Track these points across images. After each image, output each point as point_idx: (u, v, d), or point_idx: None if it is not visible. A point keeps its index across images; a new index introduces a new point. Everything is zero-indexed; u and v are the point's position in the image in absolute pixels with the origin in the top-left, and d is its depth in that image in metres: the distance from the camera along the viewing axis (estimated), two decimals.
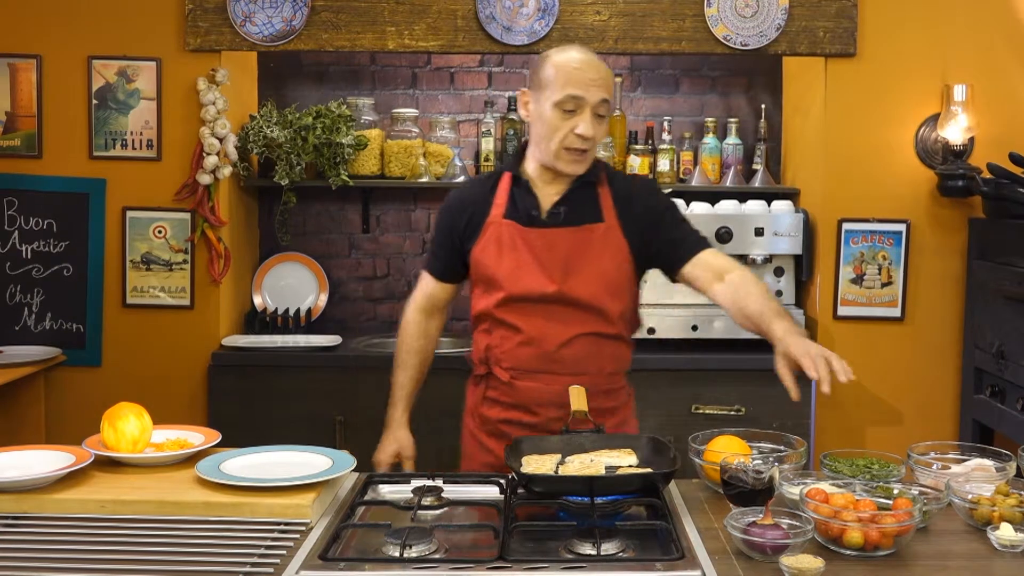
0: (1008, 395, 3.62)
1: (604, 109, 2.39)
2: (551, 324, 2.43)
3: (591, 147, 2.41)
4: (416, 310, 2.75)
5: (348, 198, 4.56)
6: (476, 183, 2.68)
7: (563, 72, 2.37)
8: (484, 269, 2.50)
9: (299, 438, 2.50)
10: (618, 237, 2.45)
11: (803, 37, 3.98)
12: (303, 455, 2.20)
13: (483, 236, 2.50)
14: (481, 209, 2.52)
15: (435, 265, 2.68)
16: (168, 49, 4.02)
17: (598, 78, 2.37)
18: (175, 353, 4.06)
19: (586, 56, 2.41)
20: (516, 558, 1.71)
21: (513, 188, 2.51)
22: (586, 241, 2.43)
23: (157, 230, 4.07)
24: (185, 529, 1.86)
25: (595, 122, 2.38)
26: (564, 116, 2.37)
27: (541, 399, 2.45)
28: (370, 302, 4.64)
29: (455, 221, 2.57)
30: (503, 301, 2.46)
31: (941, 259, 4.05)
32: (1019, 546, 1.77)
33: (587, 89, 2.35)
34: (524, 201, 2.48)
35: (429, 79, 4.59)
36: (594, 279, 2.43)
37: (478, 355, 2.59)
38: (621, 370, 2.55)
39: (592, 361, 2.45)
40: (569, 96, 2.35)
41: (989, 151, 3.89)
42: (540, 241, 2.44)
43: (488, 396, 2.56)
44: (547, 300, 2.43)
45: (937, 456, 2.17)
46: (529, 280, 2.43)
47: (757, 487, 1.89)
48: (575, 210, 2.45)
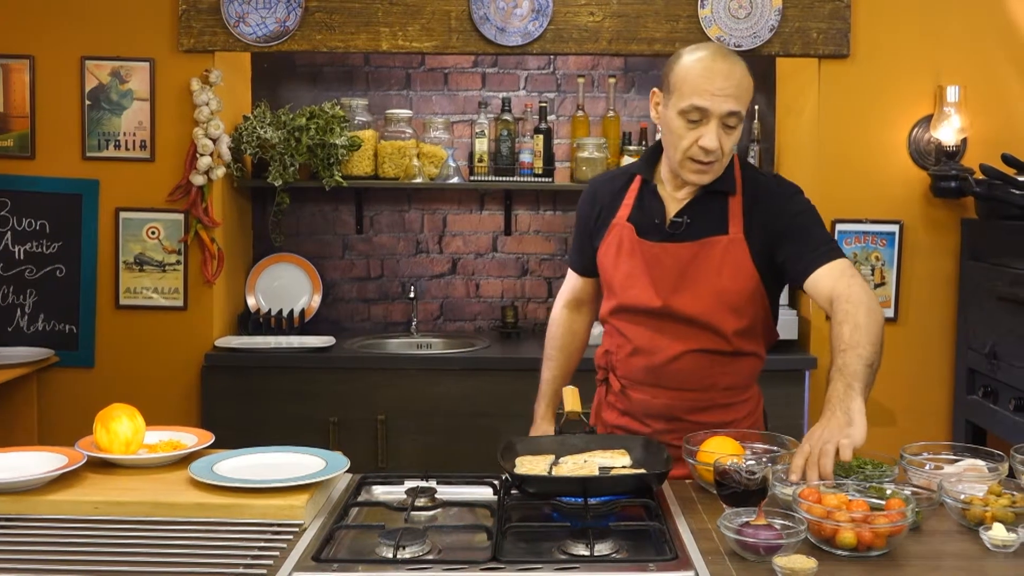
0: (1001, 396, 3.63)
1: (734, 120, 2.23)
2: (660, 338, 2.35)
3: (717, 158, 2.25)
4: (562, 306, 2.68)
5: (342, 199, 4.55)
6: (612, 176, 2.55)
7: (690, 79, 2.22)
8: (603, 272, 2.46)
9: (293, 439, 2.50)
10: (742, 251, 2.30)
11: (796, 38, 3.98)
12: (296, 456, 2.20)
13: (607, 237, 2.43)
14: (611, 206, 2.44)
15: (575, 259, 2.62)
16: (161, 50, 4.02)
17: (728, 86, 2.20)
18: (168, 354, 4.05)
19: (717, 61, 2.23)
20: (509, 559, 1.70)
21: (642, 189, 2.42)
22: (704, 256, 2.30)
23: (150, 231, 4.06)
24: (178, 530, 1.86)
25: (723, 133, 2.23)
26: (689, 126, 2.23)
27: (649, 410, 2.39)
28: (364, 303, 4.64)
29: (588, 212, 2.50)
30: (615, 309, 2.42)
31: (934, 260, 4.06)
32: (1011, 546, 1.77)
33: (712, 100, 2.19)
34: (650, 205, 2.38)
35: (423, 80, 4.59)
36: (707, 296, 2.30)
37: (598, 359, 2.53)
38: (742, 384, 2.41)
39: (702, 377, 2.35)
40: (693, 106, 2.21)
41: (982, 152, 3.90)
42: (655, 253, 2.34)
43: (608, 400, 2.50)
44: (653, 314, 2.34)
45: (930, 456, 2.17)
46: (638, 291, 2.35)
47: (750, 487, 1.89)
48: (699, 221, 2.32)
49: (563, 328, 2.67)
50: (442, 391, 3.95)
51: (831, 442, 1.89)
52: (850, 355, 2.05)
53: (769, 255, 2.31)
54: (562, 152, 4.52)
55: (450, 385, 3.95)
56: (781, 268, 2.31)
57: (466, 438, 3.89)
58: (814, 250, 2.25)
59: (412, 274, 4.63)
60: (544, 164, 4.34)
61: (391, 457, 3.92)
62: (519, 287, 4.65)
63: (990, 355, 3.65)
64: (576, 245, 2.60)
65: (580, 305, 2.67)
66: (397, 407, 3.93)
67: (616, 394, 2.46)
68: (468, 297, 4.66)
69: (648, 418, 2.40)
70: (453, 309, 4.66)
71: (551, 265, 4.65)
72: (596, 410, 2.56)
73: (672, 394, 2.37)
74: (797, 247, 2.27)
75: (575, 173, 4.29)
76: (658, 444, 2.18)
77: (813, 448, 1.90)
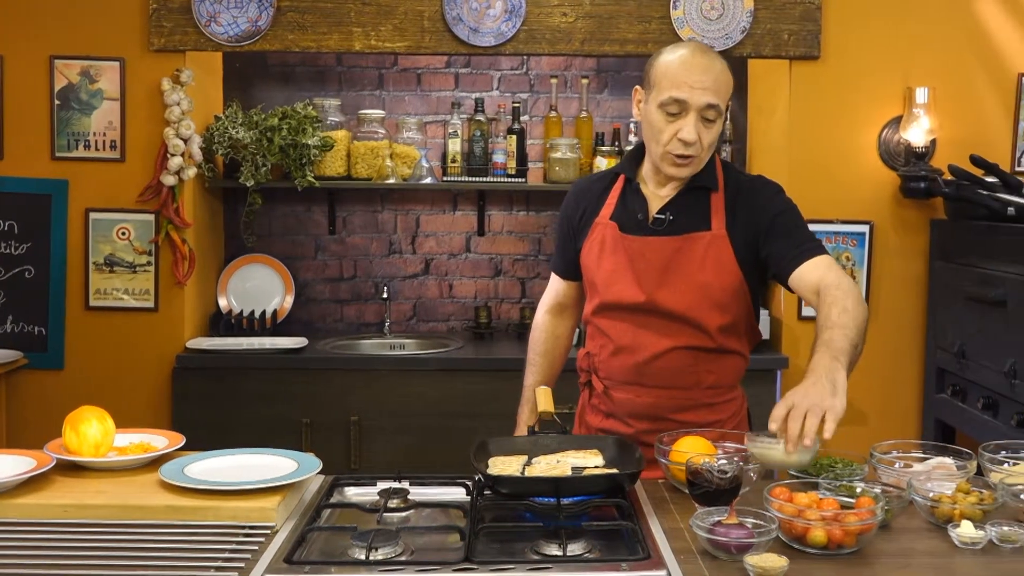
0: (969, 394, 3.66)
1: (712, 113, 2.26)
2: (643, 334, 2.34)
3: (696, 152, 2.27)
4: (545, 311, 2.67)
5: (314, 199, 4.54)
6: (595, 179, 2.56)
7: (668, 72, 2.26)
8: (586, 271, 2.45)
9: (265, 441, 2.49)
10: (724, 247, 2.31)
11: (768, 40, 4.01)
12: (268, 458, 2.19)
13: (591, 235, 2.43)
14: (594, 206, 2.45)
15: (558, 262, 2.62)
16: (132, 49, 3.99)
17: (706, 79, 2.24)
18: (139, 356, 4.03)
19: (696, 56, 2.27)
20: (482, 559, 1.70)
21: (625, 188, 2.43)
22: (688, 251, 2.32)
23: (121, 232, 4.04)
24: (148, 533, 1.84)
25: (702, 126, 2.26)
26: (668, 119, 2.26)
27: (633, 410, 2.39)
28: (336, 304, 4.63)
29: (571, 214, 2.51)
30: (598, 307, 2.41)
31: (904, 260, 4.10)
32: (979, 543, 1.79)
33: (691, 92, 2.23)
34: (633, 203, 2.40)
35: (396, 80, 4.58)
36: (691, 290, 2.31)
37: (580, 361, 2.53)
38: (726, 383, 2.42)
39: (686, 375, 2.35)
40: (672, 99, 2.24)
41: (951, 153, 3.95)
42: (638, 248, 2.35)
43: (592, 403, 2.50)
44: (638, 309, 2.34)
45: (900, 455, 2.19)
46: (621, 287, 2.35)
47: (722, 487, 1.90)
48: (682, 217, 2.34)
49: (546, 333, 2.67)
50: (415, 392, 3.94)
51: (818, 405, 1.83)
52: (837, 332, 2.04)
53: (752, 251, 2.32)
54: (535, 152, 4.53)
55: (423, 386, 3.94)
56: (765, 264, 2.32)
57: (439, 439, 3.89)
58: (798, 246, 2.26)
59: (385, 275, 4.62)
60: (517, 164, 4.34)
61: (364, 458, 3.91)
62: (492, 287, 4.65)
63: (959, 354, 3.69)
64: (559, 248, 2.61)
65: (563, 310, 2.67)
66: (370, 408, 3.93)
67: (599, 396, 2.46)
68: (441, 298, 4.65)
69: (632, 418, 2.39)
70: (426, 310, 4.66)
71: (524, 265, 4.65)
72: (580, 414, 2.56)
73: (656, 392, 2.37)
74: (781, 244, 2.28)
75: (548, 173, 4.30)
76: (631, 444, 2.18)
77: (798, 405, 1.84)
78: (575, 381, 2.58)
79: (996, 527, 1.81)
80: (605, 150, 4.29)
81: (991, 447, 2.16)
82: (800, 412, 1.83)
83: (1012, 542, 1.80)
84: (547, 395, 2.45)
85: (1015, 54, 4.04)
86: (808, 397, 1.86)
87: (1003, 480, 1.99)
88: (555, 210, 4.62)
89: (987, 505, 1.89)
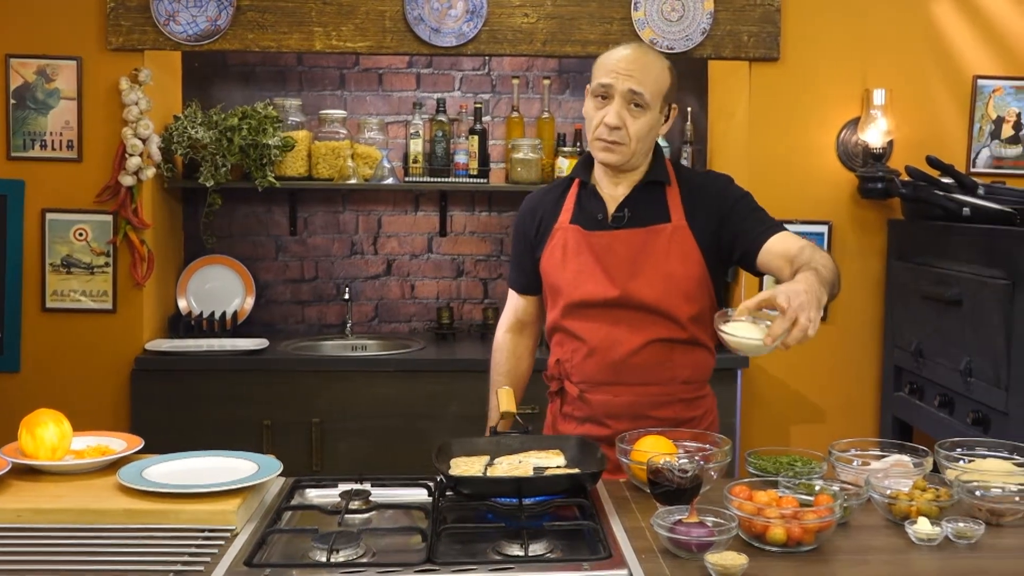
0: (926, 392, 3.71)
1: (640, 101, 2.31)
2: (618, 331, 2.36)
3: (623, 138, 2.33)
4: (505, 330, 2.66)
5: (275, 200, 4.51)
6: (548, 189, 2.59)
7: (601, 64, 2.36)
8: (549, 277, 2.45)
9: (225, 443, 2.47)
10: (687, 237, 2.35)
11: (728, 41, 4.04)
12: (228, 460, 2.17)
13: (551, 242, 2.44)
14: (551, 214, 2.47)
15: (515, 278, 2.62)
16: (89, 48, 3.95)
17: (632, 68, 2.31)
18: (97, 358, 3.98)
19: (630, 50, 2.35)
20: (444, 560, 1.70)
21: (580, 192, 2.46)
22: (652, 243, 2.36)
23: (78, 232, 3.99)
24: (106, 537, 1.82)
25: (627, 113, 2.32)
26: (597, 104, 2.35)
27: (612, 411, 2.39)
28: (298, 305, 4.60)
29: (527, 227, 2.52)
30: (566, 308, 2.41)
31: (862, 260, 4.14)
32: (935, 539, 1.81)
33: (616, 77, 2.31)
34: (590, 205, 2.43)
35: (357, 80, 4.56)
36: (660, 281, 2.34)
37: (550, 370, 2.52)
38: (700, 378, 2.45)
39: (663, 370, 2.37)
40: (599, 84, 2.34)
41: (907, 154, 4.00)
42: (603, 244, 2.37)
43: (564, 412, 2.48)
44: (611, 305, 2.35)
45: (858, 453, 2.21)
46: (591, 285, 2.37)
47: (683, 486, 1.92)
48: (641, 211, 2.38)
49: (507, 353, 2.65)
50: (377, 393, 3.93)
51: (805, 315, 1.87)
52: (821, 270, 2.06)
53: (714, 241, 2.36)
54: (497, 153, 4.53)
55: (385, 387, 3.93)
56: (730, 248, 2.35)
57: (402, 440, 3.88)
58: (762, 223, 2.33)
59: (347, 275, 4.61)
60: (479, 165, 4.34)
61: (326, 460, 3.90)
62: (454, 288, 4.65)
63: (916, 353, 3.73)
64: (515, 263, 2.61)
65: (523, 328, 2.66)
66: (332, 410, 3.91)
67: (574, 401, 2.45)
68: (403, 298, 4.64)
69: (610, 419, 2.39)
70: (388, 310, 4.65)
71: (486, 266, 4.65)
72: (551, 425, 2.54)
73: (634, 390, 2.38)
74: (745, 225, 2.33)
75: (510, 174, 4.30)
76: (592, 444, 2.19)
77: (792, 307, 1.87)
78: (538, 381, 2.57)
79: (952, 523, 1.84)
80: (567, 151, 4.30)
81: (947, 444, 2.19)
82: (792, 315, 1.87)
83: (967, 538, 1.82)
84: (509, 395, 2.45)
85: (970, 57, 4.10)
86: (800, 303, 1.89)
87: (959, 477, 2.02)
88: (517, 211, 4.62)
89: (943, 502, 1.92)
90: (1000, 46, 4.10)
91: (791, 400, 4.16)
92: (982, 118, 4.12)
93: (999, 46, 4.10)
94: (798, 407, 4.17)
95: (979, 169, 4.11)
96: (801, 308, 1.88)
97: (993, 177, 4.02)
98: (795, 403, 4.16)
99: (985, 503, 1.94)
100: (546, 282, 2.48)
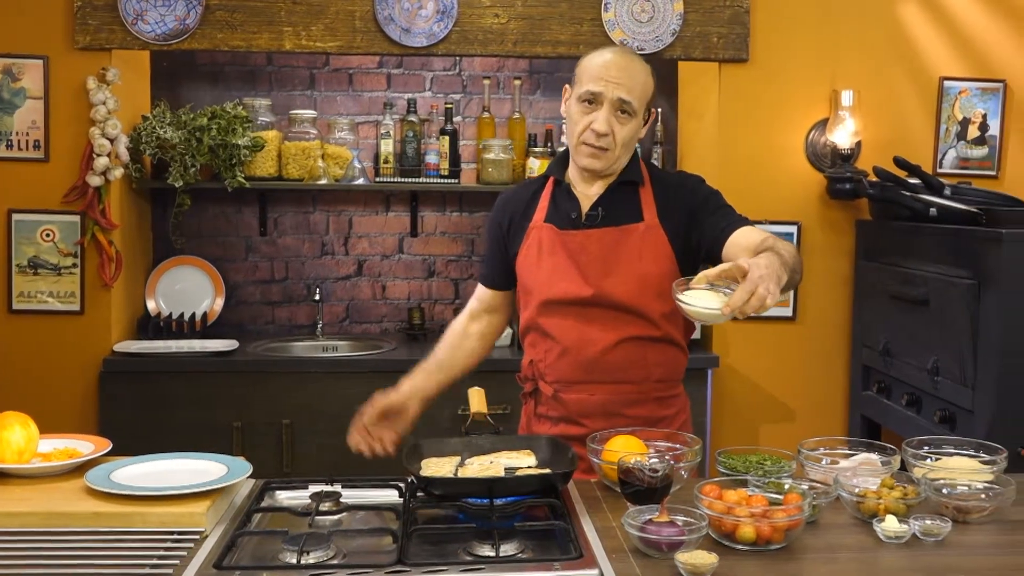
0: (894, 391, 3.74)
1: (628, 108, 2.33)
2: (591, 329, 2.37)
3: (609, 144, 2.35)
4: (463, 315, 2.65)
5: (245, 200, 4.49)
6: (523, 187, 2.61)
7: (589, 68, 2.36)
8: (524, 277, 2.46)
9: (195, 445, 2.45)
10: (659, 236, 2.38)
11: (697, 42, 4.05)
12: (198, 462, 2.16)
13: (526, 241, 2.45)
14: (525, 213, 2.48)
15: (486, 273, 2.61)
16: (56, 47, 3.91)
17: (621, 76, 2.33)
18: (64, 360, 3.94)
19: (616, 55, 2.37)
20: (415, 561, 1.70)
21: (555, 191, 2.47)
22: (624, 242, 2.38)
23: (45, 233, 3.95)
24: (74, 541, 1.81)
25: (615, 120, 2.34)
26: (584, 110, 2.35)
27: (586, 410, 2.39)
28: (268, 305, 4.58)
29: (500, 221, 2.53)
30: (540, 307, 2.41)
31: (831, 260, 4.17)
32: (903, 537, 1.83)
33: (605, 85, 2.32)
34: (564, 204, 2.44)
35: (327, 80, 4.54)
36: (633, 280, 2.36)
37: (524, 371, 2.52)
38: (673, 377, 2.46)
39: (637, 368, 2.38)
40: (588, 91, 2.34)
41: (875, 155, 4.03)
42: (577, 243, 2.39)
43: (539, 412, 2.49)
44: (584, 304, 2.36)
45: (826, 451, 2.23)
46: (565, 284, 2.37)
47: (653, 485, 1.92)
48: (614, 211, 2.40)
49: (453, 332, 2.64)
50: (348, 394, 3.88)
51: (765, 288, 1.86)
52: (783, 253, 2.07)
53: (684, 239, 2.38)
54: (468, 153, 4.53)
55: (357, 388, 3.87)
56: (697, 244, 2.37)
57: None
58: (727, 218, 2.35)
59: (317, 276, 4.59)
60: (450, 165, 4.34)
61: (297, 462, 3.88)
62: (425, 288, 4.64)
63: (884, 352, 3.76)
64: (487, 259, 2.62)
65: (480, 315, 2.64)
66: (302, 411, 3.89)
67: (548, 401, 2.45)
68: (374, 299, 4.63)
69: (585, 418, 2.39)
70: (359, 311, 4.63)
71: (457, 266, 4.64)
72: (525, 426, 2.55)
73: (608, 388, 2.38)
74: (711, 219, 2.35)
75: (481, 174, 4.30)
76: (564, 444, 2.19)
77: (751, 278, 1.87)
78: (510, 382, 2.58)
79: (919, 521, 1.86)
80: (538, 151, 4.31)
81: (914, 443, 2.21)
82: (751, 285, 1.86)
83: (934, 535, 1.84)
84: (480, 396, 2.45)
85: (936, 59, 4.14)
86: (761, 275, 1.88)
87: (926, 475, 2.04)
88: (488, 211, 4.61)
89: (911, 500, 1.94)
90: (966, 48, 4.14)
91: (761, 400, 4.18)
92: (948, 119, 4.16)
93: (965, 48, 4.14)
94: (768, 406, 4.19)
95: (945, 170, 4.16)
96: (762, 279, 1.88)
97: (959, 178, 4.07)
98: (765, 402, 4.19)
99: (952, 501, 1.96)
100: (520, 282, 2.49)
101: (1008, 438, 2.91)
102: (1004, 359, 3.09)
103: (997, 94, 4.16)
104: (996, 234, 3.12)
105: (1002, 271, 3.09)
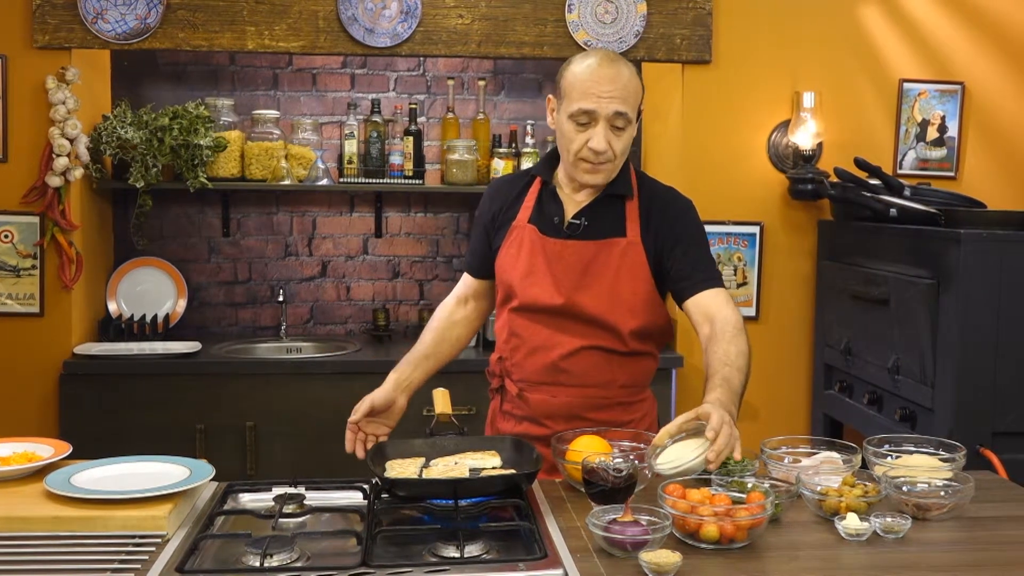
0: (855, 390, 3.78)
1: (621, 121, 2.29)
2: (556, 335, 2.36)
3: (609, 159, 2.31)
4: (449, 299, 2.62)
5: (207, 201, 4.46)
6: (511, 179, 2.58)
7: (578, 84, 2.28)
8: (502, 272, 2.45)
9: (158, 448, 2.43)
10: (639, 254, 2.36)
11: (661, 44, 4.07)
12: (160, 465, 2.14)
13: (508, 238, 2.44)
14: (511, 206, 2.46)
15: (471, 261, 2.59)
16: (14, 46, 3.86)
17: (613, 89, 2.26)
18: (24, 363, 3.89)
19: (603, 66, 2.28)
20: (379, 563, 1.70)
21: (541, 191, 2.45)
22: (603, 256, 2.35)
23: (3, 234, 3.90)
24: (33, 546, 1.79)
25: (611, 134, 2.29)
26: (578, 128, 2.29)
27: (548, 411, 2.39)
28: (231, 307, 4.55)
29: (487, 211, 2.51)
30: (515, 309, 2.41)
31: (793, 260, 4.21)
32: (864, 535, 1.85)
33: (598, 102, 2.26)
34: (549, 207, 2.42)
35: (291, 80, 4.52)
36: (605, 295, 2.35)
37: (492, 367, 2.52)
38: (640, 383, 2.47)
39: (600, 373, 2.38)
40: (581, 110, 2.27)
41: (836, 156, 4.07)
42: (555, 251, 2.37)
43: (504, 409, 2.49)
44: (555, 312, 2.36)
45: (789, 450, 2.25)
46: (539, 290, 2.37)
47: (618, 485, 1.93)
48: (597, 223, 2.37)
49: (443, 313, 2.60)
50: (313, 396, 3.90)
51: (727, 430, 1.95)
52: (735, 374, 2.17)
53: (660, 260, 2.37)
54: (432, 154, 4.52)
55: (321, 390, 3.90)
56: (666, 276, 2.38)
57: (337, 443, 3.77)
58: (700, 271, 2.34)
59: (281, 277, 4.56)
60: (414, 166, 4.33)
61: (261, 464, 3.85)
62: (390, 290, 4.63)
63: (845, 351, 3.80)
64: (472, 247, 2.60)
65: (467, 300, 2.62)
66: (266, 413, 3.87)
67: (513, 400, 2.45)
68: (339, 300, 4.61)
69: (548, 419, 2.39)
70: (323, 312, 4.61)
71: (422, 267, 4.64)
72: (491, 421, 2.55)
73: (572, 391, 2.38)
74: (683, 265, 2.34)
75: (446, 175, 4.30)
76: (528, 444, 2.20)
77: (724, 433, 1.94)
78: (475, 383, 2.57)
79: (880, 518, 1.88)
80: (502, 152, 4.31)
81: (875, 441, 2.23)
82: (726, 438, 1.94)
83: (895, 532, 1.86)
84: (445, 397, 2.45)
85: (897, 61, 4.19)
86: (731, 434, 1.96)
87: (886, 473, 2.06)
88: (453, 212, 4.62)
89: (871, 498, 1.96)
90: (926, 50, 4.19)
91: None
92: (908, 121, 4.21)
93: (925, 50, 4.19)
94: None
95: (905, 171, 4.21)
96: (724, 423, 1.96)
97: (919, 179, 4.12)
98: None
99: (912, 498, 1.98)
100: (500, 278, 2.48)
101: (967, 436, 2.96)
102: (963, 358, 3.13)
103: (956, 96, 4.21)
104: (955, 234, 3.16)
105: (961, 271, 3.12)
